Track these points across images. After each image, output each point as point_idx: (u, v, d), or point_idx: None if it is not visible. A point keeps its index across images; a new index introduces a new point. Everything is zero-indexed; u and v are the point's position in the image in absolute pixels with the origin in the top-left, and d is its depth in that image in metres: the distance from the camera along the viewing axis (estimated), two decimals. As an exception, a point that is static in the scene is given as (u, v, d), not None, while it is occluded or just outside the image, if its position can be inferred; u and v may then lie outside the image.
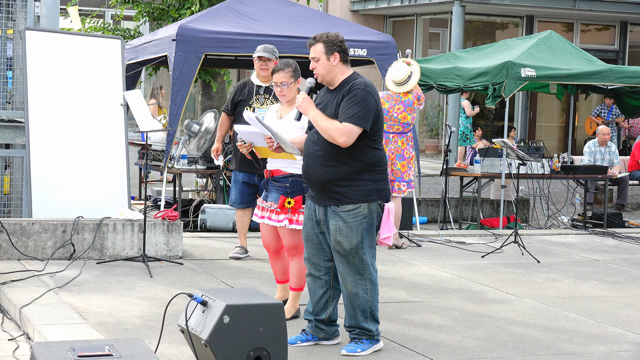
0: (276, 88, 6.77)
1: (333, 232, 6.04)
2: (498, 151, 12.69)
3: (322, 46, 6.04)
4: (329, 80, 6.09)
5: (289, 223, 6.67)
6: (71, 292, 7.42)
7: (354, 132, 5.88)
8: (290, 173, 6.67)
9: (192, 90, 13.21)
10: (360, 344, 6.10)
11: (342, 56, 6.07)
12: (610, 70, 12.84)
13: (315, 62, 6.06)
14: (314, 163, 6.04)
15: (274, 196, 6.72)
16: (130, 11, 18.26)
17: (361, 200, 5.98)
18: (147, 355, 4.68)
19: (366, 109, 5.92)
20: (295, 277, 6.85)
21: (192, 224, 11.22)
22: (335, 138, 5.88)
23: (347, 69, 6.10)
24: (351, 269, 6.05)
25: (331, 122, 5.91)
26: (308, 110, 6.02)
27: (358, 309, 6.08)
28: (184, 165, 11.44)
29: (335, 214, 6.02)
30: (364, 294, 6.06)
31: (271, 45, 8.71)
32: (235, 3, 12.05)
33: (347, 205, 5.98)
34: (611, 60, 22.56)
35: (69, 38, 9.88)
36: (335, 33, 6.14)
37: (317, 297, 6.28)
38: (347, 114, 5.89)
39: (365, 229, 6.02)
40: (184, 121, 12.43)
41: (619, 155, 15.73)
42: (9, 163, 9.57)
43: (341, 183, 5.97)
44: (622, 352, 6.50)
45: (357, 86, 5.96)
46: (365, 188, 5.99)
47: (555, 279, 9.02)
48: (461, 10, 21.01)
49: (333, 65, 6.04)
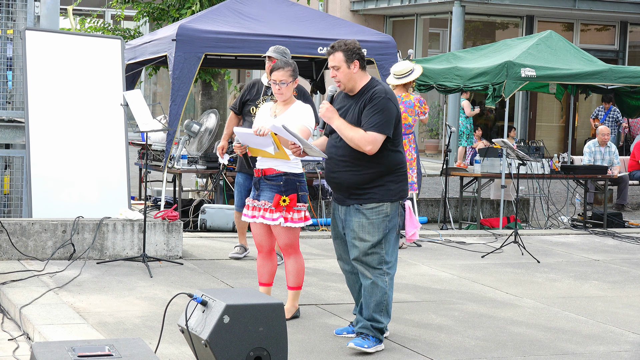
0: (274, 86, 6.77)
1: (356, 229, 6.22)
2: (498, 151, 12.69)
3: (342, 55, 6.23)
4: (350, 87, 6.27)
5: (284, 221, 6.66)
6: (71, 292, 7.42)
7: (378, 140, 6.10)
8: (284, 172, 6.68)
9: (192, 90, 13.21)
10: (367, 340, 6.21)
11: (361, 63, 6.26)
12: (610, 70, 12.84)
13: (336, 70, 6.24)
14: (337, 167, 6.26)
15: (268, 195, 6.71)
16: (131, 11, 18.26)
17: (384, 200, 6.20)
18: (147, 355, 4.69)
19: (388, 116, 6.13)
20: (292, 276, 6.84)
21: (192, 224, 11.22)
22: (362, 147, 6.11)
23: (365, 75, 6.30)
24: (370, 264, 6.22)
25: (356, 131, 6.12)
26: (332, 120, 6.21)
27: (373, 299, 6.22)
28: (184, 165, 11.44)
29: (358, 212, 6.21)
30: (382, 285, 6.22)
31: (283, 47, 8.68)
32: (235, 3, 12.06)
33: (370, 203, 6.19)
34: (611, 60, 22.56)
35: (69, 38, 9.89)
36: (353, 40, 6.32)
37: (356, 291, 6.50)
38: (370, 122, 6.10)
39: (387, 226, 6.21)
40: (184, 121, 12.44)
41: (619, 155, 15.74)
42: (9, 163, 9.57)
43: (365, 186, 6.19)
44: (622, 352, 6.50)
45: (378, 94, 6.16)
46: (388, 188, 6.21)
47: (555, 279, 9.02)
48: (461, 10, 21.01)
49: (353, 73, 6.23)
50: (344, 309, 7.29)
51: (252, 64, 14.23)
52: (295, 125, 6.56)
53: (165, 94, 26.84)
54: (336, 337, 6.50)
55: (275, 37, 11.16)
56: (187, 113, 22.79)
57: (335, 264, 9.15)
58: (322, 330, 6.68)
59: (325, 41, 11.70)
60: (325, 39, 11.71)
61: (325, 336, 6.51)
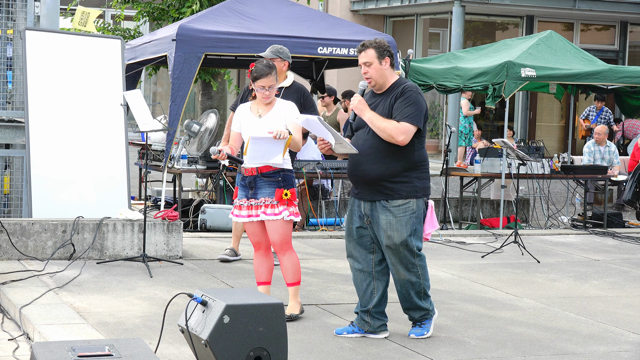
0: (263, 91, 6.78)
1: (384, 227, 6.37)
2: (498, 151, 12.69)
3: (374, 51, 6.41)
4: (381, 84, 6.45)
5: (288, 214, 6.72)
6: (71, 292, 7.42)
7: (411, 130, 6.27)
8: (281, 168, 6.74)
9: (192, 90, 13.21)
10: (424, 326, 6.57)
11: (391, 61, 6.46)
12: (610, 70, 12.84)
13: (368, 66, 6.41)
14: (364, 160, 6.39)
15: (267, 191, 6.74)
16: (131, 11, 18.26)
17: (410, 196, 6.37)
18: (147, 355, 4.69)
19: (420, 109, 6.33)
20: (290, 272, 6.86)
21: (192, 224, 11.21)
22: (394, 136, 6.26)
23: (394, 73, 6.52)
24: (402, 259, 6.41)
25: (389, 122, 6.29)
26: (364, 112, 6.38)
27: (412, 291, 6.48)
28: (184, 165, 11.44)
29: (386, 209, 6.36)
30: (416, 279, 6.46)
31: (278, 45, 8.67)
32: (235, 3, 12.06)
33: (397, 200, 6.34)
34: (611, 60, 22.54)
35: (69, 38, 9.88)
36: (381, 39, 6.52)
37: (363, 290, 6.59)
38: (403, 113, 6.29)
39: (415, 223, 6.39)
40: (184, 121, 12.43)
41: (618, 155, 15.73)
42: (9, 163, 9.57)
43: (392, 179, 6.35)
44: (622, 352, 6.50)
45: (409, 88, 6.38)
46: (413, 185, 6.38)
47: (555, 279, 9.02)
48: (461, 10, 21.01)
49: (384, 69, 6.42)
50: (344, 309, 7.29)
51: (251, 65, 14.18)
52: (288, 123, 6.68)
53: (165, 94, 26.85)
54: (336, 337, 6.50)
55: (275, 37, 11.16)
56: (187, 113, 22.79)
57: (335, 264, 9.17)
58: (322, 330, 6.68)
59: (325, 41, 11.70)
60: (325, 39, 11.72)
61: (325, 336, 6.52)
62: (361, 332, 6.55)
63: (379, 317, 6.56)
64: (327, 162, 11.74)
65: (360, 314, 6.58)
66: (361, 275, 6.56)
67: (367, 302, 6.55)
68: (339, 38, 11.84)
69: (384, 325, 6.59)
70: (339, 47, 11.77)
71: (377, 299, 6.53)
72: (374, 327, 6.55)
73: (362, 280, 6.57)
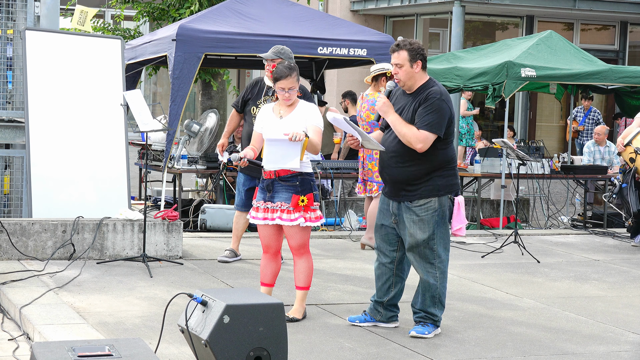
0: (284, 93, 6.71)
1: (408, 226, 6.51)
2: (498, 151, 12.69)
3: (406, 54, 6.44)
4: (410, 85, 6.51)
5: (304, 221, 6.68)
6: (71, 292, 7.42)
7: (429, 139, 6.35)
8: (299, 172, 6.68)
9: (192, 90, 13.21)
10: (427, 326, 6.60)
11: (423, 63, 6.49)
12: (610, 70, 12.84)
13: (399, 68, 6.46)
14: (389, 163, 6.54)
15: (284, 196, 6.69)
16: (131, 11, 18.26)
17: (432, 195, 6.47)
18: (147, 355, 4.69)
19: (441, 117, 6.38)
20: (303, 276, 6.83)
21: (192, 224, 11.22)
22: (413, 144, 6.35)
23: (425, 75, 6.53)
24: (422, 258, 6.51)
25: (409, 128, 6.36)
26: (388, 114, 6.47)
27: (427, 294, 6.57)
28: (184, 165, 11.44)
29: (409, 209, 6.50)
30: (434, 282, 6.54)
31: (281, 46, 8.66)
32: (235, 3, 12.06)
33: (418, 200, 6.44)
34: (611, 60, 22.54)
35: (69, 38, 9.88)
36: (417, 41, 6.57)
37: (382, 283, 6.74)
38: (423, 121, 6.36)
39: (437, 221, 6.49)
40: (184, 121, 12.44)
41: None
42: (9, 163, 9.57)
43: (414, 182, 6.45)
44: (622, 352, 6.50)
45: (433, 95, 6.40)
46: (435, 184, 6.46)
47: (555, 279, 9.02)
48: (461, 10, 20.99)
49: (415, 72, 6.47)
50: (344, 309, 7.29)
51: (252, 64, 14.23)
52: (308, 126, 6.61)
53: (165, 94, 26.85)
54: (336, 337, 6.50)
55: (275, 37, 11.16)
56: (187, 113, 22.79)
57: (335, 264, 9.18)
58: (322, 330, 6.68)
59: (325, 41, 11.70)
60: (325, 39, 11.71)
61: (325, 336, 6.52)
62: (373, 321, 6.78)
63: (391, 309, 6.81)
64: (327, 162, 11.75)
65: (374, 303, 6.79)
66: (384, 268, 6.72)
67: (383, 295, 6.74)
68: (339, 38, 11.84)
69: (395, 316, 6.84)
70: (339, 47, 11.77)
71: (393, 294, 6.75)
72: (386, 317, 6.78)
73: (384, 274, 6.72)
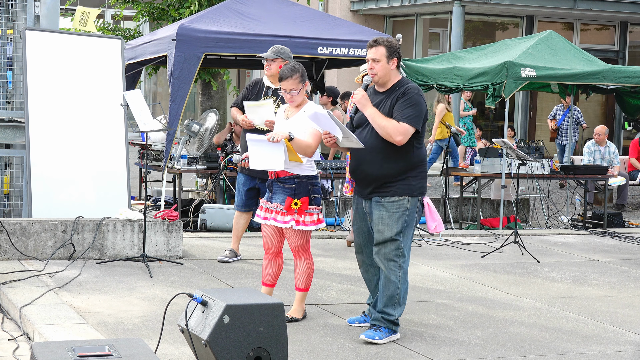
0: (286, 95, 6.72)
1: (376, 221, 6.46)
2: (498, 151, 12.69)
3: (384, 50, 6.49)
4: (384, 82, 6.51)
5: (295, 224, 6.67)
6: (71, 292, 7.42)
7: (409, 132, 6.35)
8: (296, 174, 6.66)
9: (192, 90, 13.21)
10: (379, 331, 6.45)
11: (399, 62, 6.54)
12: (610, 70, 12.84)
13: (375, 63, 6.47)
14: (364, 160, 6.46)
15: (280, 197, 6.70)
16: (130, 11, 18.27)
17: (405, 194, 6.42)
18: (147, 355, 4.69)
19: (419, 111, 6.40)
20: (302, 277, 6.84)
21: (192, 224, 11.21)
22: (393, 136, 6.31)
23: (399, 74, 6.59)
24: (387, 256, 6.45)
25: (389, 121, 6.34)
26: (366, 107, 6.44)
27: (386, 294, 6.47)
28: (184, 165, 11.43)
29: (379, 204, 6.44)
30: (395, 280, 6.46)
31: (280, 46, 8.67)
32: (235, 3, 12.06)
33: (391, 197, 6.40)
34: (611, 60, 22.54)
35: (69, 38, 9.88)
36: (394, 39, 6.62)
37: (373, 285, 6.73)
38: (403, 114, 6.35)
39: (406, 220, 6.44)
40: (184, 121, 12.44)
41: (618, 155, 15.73)
42: (9, 163, 9.57)
43: (390, 180, 6.40)
44: (622, 352, 6.50)
45: (411, 90, 6.43)
46: (410, 183, 6.44)
47: (555, 279, 9.02)
48: (461, 10, 21.00)
49: (391, 69, 6.49)
50: (344, 309, 7.29)
51: (252, 64, 14.22)
52: (308, 128, 6.59)
53: (165, 94, 26.85)
54: (336, 337, 6.50)
55: (275, 37, 11.16)
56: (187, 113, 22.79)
57: (335, 264, 9.18)
58: (322, 330, 6.68)
59: (325, 41, 11.70)
60: (325, 39, 11.71)
61: (325, 336, 6.52)
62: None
63: None
64: (327, 162, 11.74)
65: (370, 306, 6.74)
66: (371, 269, 6.71)
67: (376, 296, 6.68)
68: (339, 38, 11.84)
69: None
70: (339, 47, 11.77)
71: None
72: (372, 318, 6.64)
73: (373, 275, 6.72)
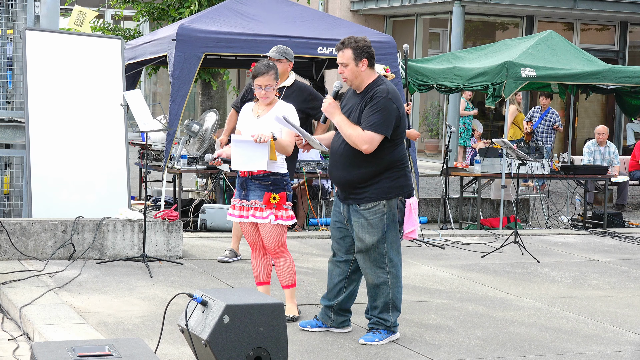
0: (260, 91, 6.76)
1: (356, 229, 6.33)
2: (498, 151, 12.69)
3: (351, 52, 6.24)
4: (357, 85, 6.31)
5: (274, 218, 6.68)
6: (71, 292, 7.42)
7: (375, 140, 6.13)
8: (271, 172, 6.69)
9: (192, 90, 13.21)
10: (378, 333, 6.38)
11: (370, 62, 6.27)
12: (610, 70, 12.84)
13: (344, 67, 6.27)
14: (337, 165, 6.34)
15: (257, 194, 6.73)
16: (130, 11, 18.27)
17: (380, 198, 6.25)
18: (147, 355, 4.69)
19: (387, 116, 6.15)
20: (287, 274, 6.84)
21: (192, 224, 11.21)
22: (358, 145, 6.14)
23: (373, 74, 6.31)
24: (372, 263, 6.31)
25: (354, 129, 6.15)
26: (333, 115, 6.27)
27: (379, 300, 6.35)
28: (184, 165, 11.43)
29: (357, 212, 6.31)
30: (384, 287, 6.34)
31: (284, 46, 8.69)
32: (235, 3, 12.06)
33: (366, 203, 6.25)
34: (611, 60, 22.54)
35: (69, 38, 9.88)
36: (363, 38, 6.32)
37: (333, 284, 6.57)
38: (368, 121, 6.13)
39: (387, 224, 6.28)
40: (184, 121, 12.44)
41: (618, 155, 15.73)
42: (9, 163, 9.57)
43: (361, 184, 6.26)
44: (622, 352, 6.50)
45: (379, 94, 6.17)
46: (383, 186, 6.25)
47: (555, 279, 9.02)
48: (461, 10, 21.00)
49: (361, 71, 6.26)
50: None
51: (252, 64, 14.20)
52: (282, 128, 6.59)
53: (165, 94, 26.84)
54: (336, 337, 6.50)
55: (275, 37, 11.16)
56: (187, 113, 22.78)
57: (335, 264, 9.17)
58: (322, 330, 6.67)
59: (325, 41, 11.69)
60: (325, 39, 11.71)
61: (325, 336, 6.51)
62: (325, 327, 6.60)
63: (342, 314, 6.60)
64: (327, 162, 11.74)
65: (324, 308, 6.60)
66: (337, 270, 6.55)
67: (333, 297, 6.56)
68: (339, 38, 11.78)
69: (347, 321, 6.63)
70: (339, 47, 11.75)
71: (343, 297, 6.54)
72: (337, 322, 6.58)
73: (337, 275, 6.54)
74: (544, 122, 17.12)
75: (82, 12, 11.08)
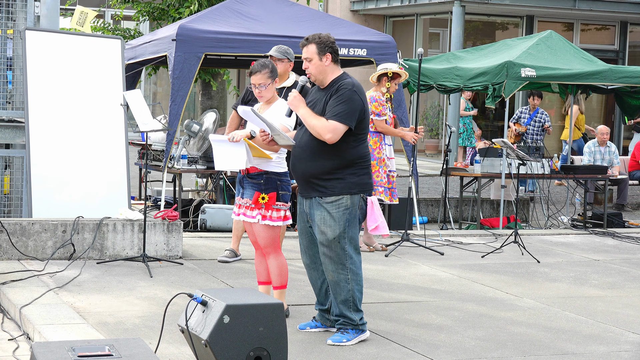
0: (255, 89, 6.80)
1: (318, 223, 6.34)
2: (498, 151, 12.69)
3: (314, 47, 6.36)
4: (321, 80, 6.39)
5: (261, 219, 6.67)
6: (71, 292, 7.42)
7: (339, 129, 6.19)
8: (265, 170, 6.69)
9: (192, 90, 13.21)
10: (346, 333, 6.35)
11: (334, 57, 6.40)
12: (610, 70, 12.84)
13: (308, 62, 6.37)
14: (300, 158, 6.35)
15: (249, 193, 6.74)
16: (130, 11, 18.26)
17: (343, 193, 6.29)
18: (147, 355, 4.69)
19: (352, 108, 6.24)
20: (276, 276, 6.81)
21: (192, 224, 11.21)
22: (322, 135, 6.19)
23: (337, 69, 6.42)
24: (333, 258, 6.32)
25: (319, 120, 6.23)
26: (298, 108, 6.35)
27: (339, 298, 6.35)
28: (184, 165, 11.44)
29: (320, 205, 6.32)
30: (345, 284, 6.33)
31: (285, 46, 8.70)
32: (235, 3, 12.06)
33: (330, 197, 6.27)
34: (611, 60, 22.54)
35: (69, 38, 9.89)
36: (327, 34, 6.44)
37: (318, 288, 6.59)
38: (333, 112, 6.21)
39: (348, 219, 6.30)
40: (184, 121, 12.44)
41: (618, 155, 15.73)
42: (9, 163, 9.58)
43: (324, 177, 6.28)
44: (622, 352, 6.50)
45: (344, 86, 6.28)
46: (348, 181, 6.29)
47: (555, 279, 9.02)
48: (461, 10, 21.01)
49: (325, 66, 6.36)
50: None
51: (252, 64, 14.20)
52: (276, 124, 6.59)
53: (165, 94, 26.85)
54: (336, 337, 6.50)
55: (275, 37, 11.16)
56: (187, 113, 22.78)
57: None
58: (322, 330, 6.67)
59: (325, 41, 11.68)
60: (325, 39, 11.69)
61: (326, 336, 6.51)
62: (324, 327, 6.61)
63: None
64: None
65: (320, 312, 6.62)
66: (315, 273, 6.56)
67: (323, 300, 6.59)
68: (339, 38, 11.76)
69: None
70: (339, 47, 11.67)
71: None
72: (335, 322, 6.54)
73: (317, 279, 6.57)
74: (533, 123, 16.81)
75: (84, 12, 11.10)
